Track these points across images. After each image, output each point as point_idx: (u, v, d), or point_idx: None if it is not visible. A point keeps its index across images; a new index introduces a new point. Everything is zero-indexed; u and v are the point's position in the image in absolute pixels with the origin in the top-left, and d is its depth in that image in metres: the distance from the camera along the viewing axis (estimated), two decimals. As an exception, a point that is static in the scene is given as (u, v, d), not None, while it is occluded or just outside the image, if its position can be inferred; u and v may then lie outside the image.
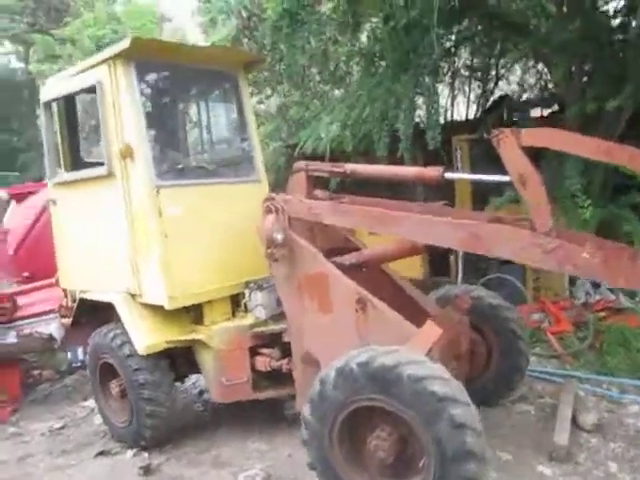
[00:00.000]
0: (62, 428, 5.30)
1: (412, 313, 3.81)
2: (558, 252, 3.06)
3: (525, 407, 4.64)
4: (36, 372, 6.72)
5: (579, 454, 3.87)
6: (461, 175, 5.12)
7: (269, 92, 10.98)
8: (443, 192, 6.62)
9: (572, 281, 6.42)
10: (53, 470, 4.45)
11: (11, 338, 5.97)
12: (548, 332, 5.80)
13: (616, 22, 6.66)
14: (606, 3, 7.00)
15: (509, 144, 3.21)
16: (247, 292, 4.46)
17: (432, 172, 3.65)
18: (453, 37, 7.76)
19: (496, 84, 9.63)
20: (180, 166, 4.53)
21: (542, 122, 7.50)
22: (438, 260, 7.26)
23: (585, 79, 6.48)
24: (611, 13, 6.80)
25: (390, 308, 3.67)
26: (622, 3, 6.69)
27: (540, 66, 8.45)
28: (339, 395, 3.11)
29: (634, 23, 6.21)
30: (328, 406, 3.15)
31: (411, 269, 6.65)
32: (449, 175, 3.66)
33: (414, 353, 3.14)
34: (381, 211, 3.64)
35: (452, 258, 6.98)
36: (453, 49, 8.35)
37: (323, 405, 3.17)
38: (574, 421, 4.18)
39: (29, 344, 5.97)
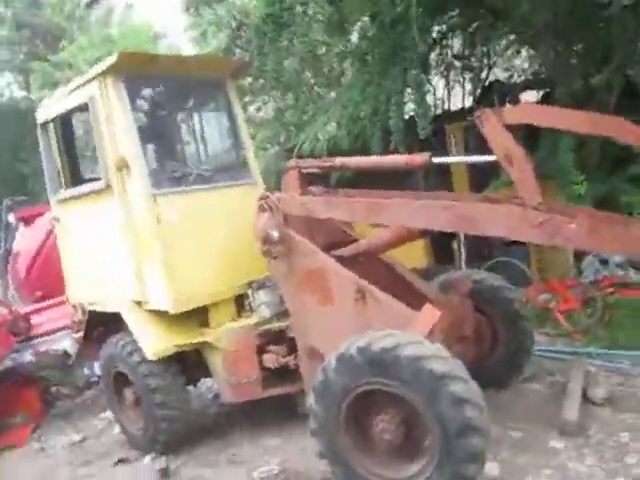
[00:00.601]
0: (82, 440, 5.42)
1: (412, 300, 3.85)
2: (547, 225, 3.09)
3: (535, 386, 4.65)
4: (54, 389, 6.85)
5: (590, 427, 3.88)
6: (448, 158, 5.17)
7: (266, 99, 11.09)
8: (441, 181, 6.68)
9: (578, 259, 6.42)
10: (75, 480, 4.56)
11: (28, 356, 6.11)
12: (556, 311, 5.80)
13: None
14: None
15: (492, 123, 3.26)
16: (250, 292, 4.53)
17: (420, 158, 3.70)
18: (441, 28, 7.81)
19: (489, 72, 9.64)
20: (176, 173, 4.62)
21: (535, 105, 7.51)
22: (441, 248, 7.29)
23: (573, 59, 6.49)
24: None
25: (390, 296, 3.72)
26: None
27: (530, 50, 8.45)
28: (342, 381, 3.16)
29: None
30: (332, 394, 3.21)
31: (415, 259, 6.68)
32: (437, 160, 3.71)
33: (412, 335, 3.18)
34: (369, 200, 3.70)
35: (455, 245, 7.01)
36: (442, 40, 8.39)
37: (327, 393, 3.23)
38: (585, 396, 4.19)
39: (45, 361, 6.10)
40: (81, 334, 5.30)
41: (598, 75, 5.25)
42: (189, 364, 4.70)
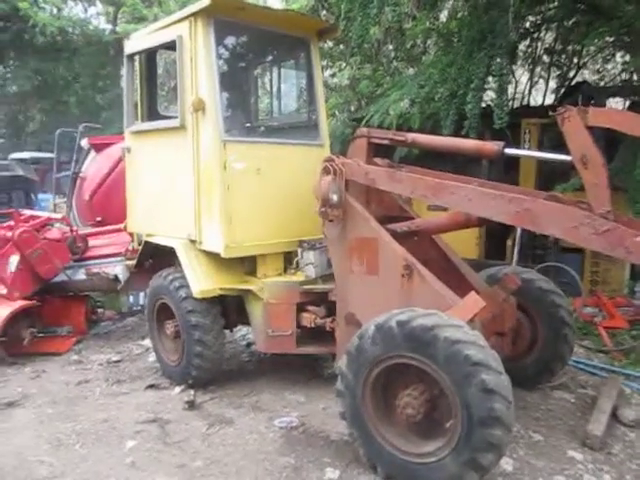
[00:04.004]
0: (119, 362, 5.71)
1: (458, 286, 3.85)
2: (611, 235, 3.04)
3: (564, 395, 4.60)
4: (100, 310, 7.24)
5: (614, 445, 3.83)
6: (521, 151, 5.01)
7: (342, 65, 11.02)
8: (507, 174, 6.54)
9: (634, 278, 6.22)
10: (107, 395, 4.83)
11: (81, 275, 6.46)
12: (600, 326, 5.67)
13: None
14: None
15: (574, 122, 3.18)
16: (300, 250, 4.63)
17: (492, 146, 3.65)
18: (536, 19, 7.52)
19: (577, 72, 9.27)
20: (248, 124, 4.70)
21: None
22: (494, 243, 7.18)
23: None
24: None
25: (436, 278, 3.74)
26: None
27: (625, 56, 8.07)
28: (376, 350, 3.23)
29: None
30: (364, 360, 3.28)
31: (466, 249, 6.62)
32: (509, 151, 3.65)
33: (454, 318, 3.20)
34: (436, 180, 3.69)
35: (509, 242, 6.89)
36: (535, 32, 8.09)
37: (360, 359, 3.30)
38: (614, 415, 4.13)
39: (96, 282, 6.42)
40: (133, 262, 5.56)
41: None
42: (230, 309, 4.87)
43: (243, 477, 3.44)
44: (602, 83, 8.84)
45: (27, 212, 7.14)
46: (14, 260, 5.97)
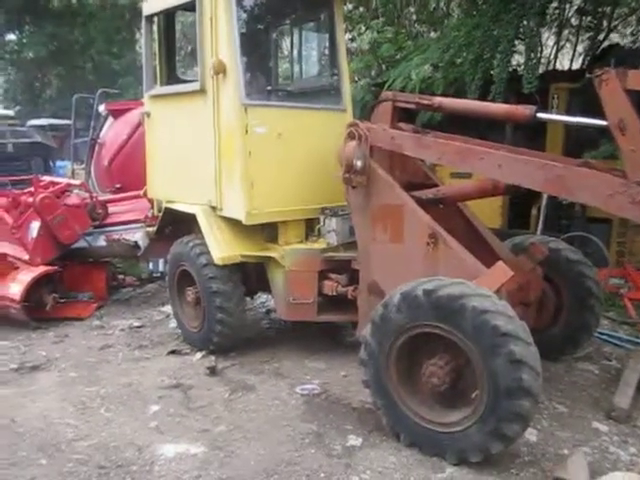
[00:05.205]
0: (140, 327, 5.75)
1: (484, 255, 3.77)
2: (648, 204, 2.91)
3: (589, 366, 4.55)
4: (120, 277, 7.28)
5: (639, 418, 3.78)
6: (554, 116, 4.81)
7: (362, 29, 10.72)
8: (533, 141, 6.35)
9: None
10: (129, 360, 4.87)
11: (101, 241, 6.47)
12: (626, 298, 5.57)
13: None
14: None
15: (612, 85, 3.03)
16: (322, 218, 4.56)
17: (524, 110, 3.50)
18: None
19: (607, 35, 8.91)
20: (269, 88, 4.59)
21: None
22: (518, 212, 7.04)
23: None
24: None
25: (462, 246, 3.66)
26: None
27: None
28: (401, 319, 3.18)
29: None
30: (389, 328, 3.24)
31: (491, 218, 6.48)
32: (541, 115, 3.50)
33: (482, 288, 3.13)
34: (464, 145, 3.57)
35: (534, 211, 6.74)
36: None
37: (384, 327, 3.26)
38: (639, 388, 4.07)
39: (116, 249, 6.44)
40: (154, 229, 5.54)
41: None
42: (250, 276, 4.85)
43: (266, 442, 3.45)
44: (636, 46, 8.48)
45: (46, 178, 7.15)
46: (35, 226, 6.00)
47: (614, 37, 9.96)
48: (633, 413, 3.80)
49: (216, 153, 4.46)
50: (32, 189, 6.23)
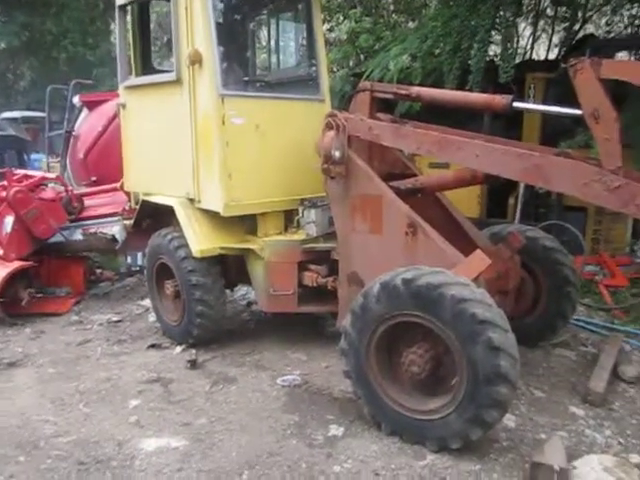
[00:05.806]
0: (119, 322, 5.69)
1: (462, 244, 3.80)
2: (622, 191, 2.96)
3: (566, 352, 4.62)
4: (98, 271, 7.19)
5: (614, 402, 3.85)
6: (530, 105, 4.86)
7: (340, 19, 10.67)
8: (510, 130, 6.41)
9: (636, 237, 6.19)
10: (108, 355, 4.82)
11: (77, 235, 6.37)
12: (601, 285, 5.67)
13: None
14: None
15: (587, 74, 3.06)
16: (301, 209, 4.55)
17: (501, 100, 3.53)
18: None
19: (582, 25, 9.02)
20: (246, 78, 4.55)
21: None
22: (496, 202, 7.11)
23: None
24: None
25: (440, 236, 3.68)
26: None
27: (633, 8, 7.83)
28: (381, 309, 3.19)
29: None
30: (369, 318, 3.25)
31: (469, 207, 6.54)
32: (518, 105, 3.54)
33: (460, 277, 3.16)
34: (442, 135, 3.58)
35: (511, 200, 6.82)
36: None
37: (364, 317, 3.27)
38: (615, 372, 4.15)
39: (93, 243, 6.34)
40: (131, 222, 5.47)
41: None
42: (230, 269, 4.82)
43: (247, 434, 3.45)
44: (610, 36, 8.60)
45: (20, 172, 7.00)
46: (9, 221, 5.88)
47: (589, 27, 10.10)
48: (608, 397, 3.88)
49: (193, 144, 4.41)
50: (5, 183, 6.10)
